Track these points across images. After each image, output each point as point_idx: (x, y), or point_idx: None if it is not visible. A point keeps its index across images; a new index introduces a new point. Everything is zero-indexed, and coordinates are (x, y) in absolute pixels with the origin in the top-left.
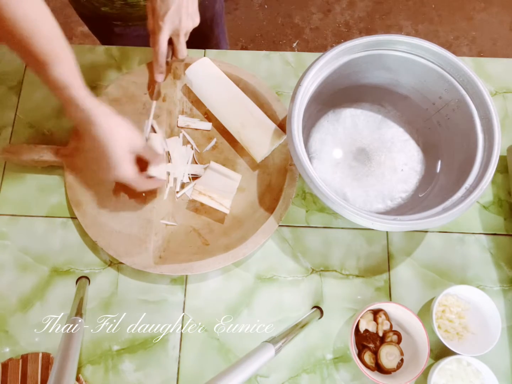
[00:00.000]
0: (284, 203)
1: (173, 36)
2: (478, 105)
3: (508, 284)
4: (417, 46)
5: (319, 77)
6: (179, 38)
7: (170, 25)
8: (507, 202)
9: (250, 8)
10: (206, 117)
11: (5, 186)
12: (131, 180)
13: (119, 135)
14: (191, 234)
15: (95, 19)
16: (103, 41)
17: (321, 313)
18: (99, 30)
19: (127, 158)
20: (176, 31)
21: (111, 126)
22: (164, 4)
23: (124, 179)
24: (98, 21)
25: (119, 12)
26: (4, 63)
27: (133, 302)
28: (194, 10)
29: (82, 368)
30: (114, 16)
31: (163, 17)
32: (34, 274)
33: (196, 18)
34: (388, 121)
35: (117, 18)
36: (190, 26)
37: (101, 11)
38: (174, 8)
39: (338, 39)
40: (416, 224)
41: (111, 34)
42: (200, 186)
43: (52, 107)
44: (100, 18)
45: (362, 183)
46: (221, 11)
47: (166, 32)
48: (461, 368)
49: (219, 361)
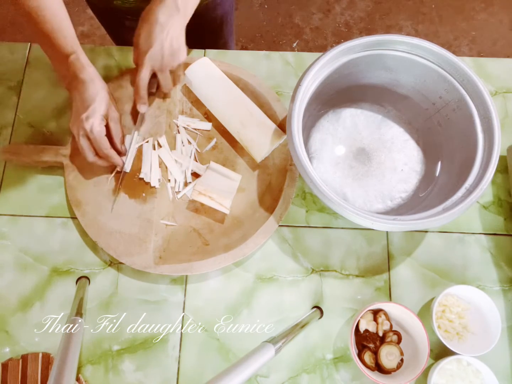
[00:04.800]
0: (284, 203)
1: (157, 72)
2: (478, 105)
3: (508, 284)
4: (417, 46)
5: (319, 77)
6: (163, 74)
7: (152, 62)
8: (507, 202)
9: (250, 8)
10: (206, 117)
11: (5, 186)
12: (95, 134)
13: (105, 97)
14: (191, 234)
15: (107, 11)
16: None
17: (321, 313)
18: (109, 23)
19: (101, 115)
20: (160, 68)
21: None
22: (146, 42)
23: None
24: (109, 13)
25: (132, 7)
26: (4, 63)
27: (133, 302)
28: (178, 46)
29: (82, 368)
30: (126, 10)
31: (145, 54)
32: (34, 274)
33: (181, 54)
34: (388, 121)
35: (129, 12)
36: (175, 63)
37: (114, 5)
38: (156, 47)
39: (338, 39)
40: (416, 224)
41: (121, 27)
42: (200, 187)
43: (52, 107)
44: (111, 11)
45: (362, 183)
46: (231, 10)
47: (148, 68)
48: (461, 368)
49: (219, 361)
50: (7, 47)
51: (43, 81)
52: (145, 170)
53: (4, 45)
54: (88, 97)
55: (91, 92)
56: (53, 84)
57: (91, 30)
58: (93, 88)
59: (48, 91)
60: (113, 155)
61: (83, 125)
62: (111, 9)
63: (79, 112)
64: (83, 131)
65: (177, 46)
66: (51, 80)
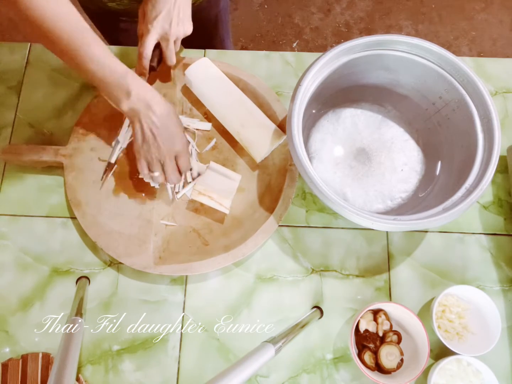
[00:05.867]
0: (284, 203)
1: (162, 41)
2: (478, 105)
3: (508, 284)
4: (417, 46)
5: (319, 77)
6: (168, 44)
7: (159, 29)
8: (507, 202)
9: (250, 8)
10: (206, 117)
11: (5, 186)
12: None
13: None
14: (191, 234)
15: (101, 14)
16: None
17: (321, 313)
18: (103, 25)
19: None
20: (166, 36)
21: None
22: (154, 8)
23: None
24: (104, 16)
25: (126, 8)
26: (4, 63)
27: (133, 302)
28: (186, 17)
29: (82, 368)
30: (121, 11)
31: (153, 21)
32: (34, 274)
33: (188, 25)
34: (388, 121)
35: (123, 13)
36: (181, 33)
37: (108, 6)
38: (164, 13)
39: (338, 39)
40: (416, 224)
41: (115, 29)
42: (200, 186)
43: (52, 107)
44: (106, 13)
45: (362, 183)
46: (226, 10)
47: (154, 35)
48: (461, 368)
49: (219, 361)
50: (7, 47)
51: (43, 81)
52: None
53: (4, 45)
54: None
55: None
56: (53, 84)
57: None
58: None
59: (48, 91)
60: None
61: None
62: (106, 11)
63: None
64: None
65: (183, 16)
66: (51, 80)
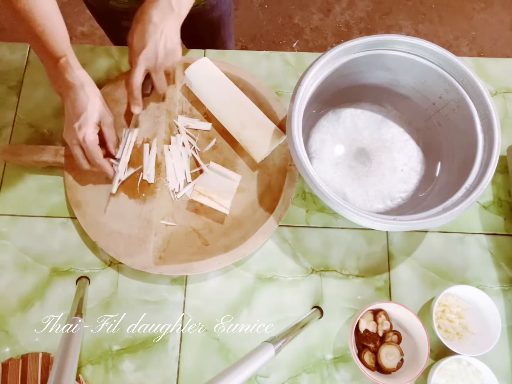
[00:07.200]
0: (284, 203)
1: (151, 72)
2: (478, 105)
3: (508, 284)
4: (417, 46)
5: (319, 77)
6: (157, 74)
7: (146, 62)
8: (507, 202)
9: (250, 8)
10: (206, 117)
11: (5, 186)
12: (87, 144)
13: (96, 103)
14: (191, 234)
15: (104, 12)
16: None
17: (321, 313)
18: (106, 23)
19: (94, 123)
20: (154, 68)
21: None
22: (140, 41)
23: (83, 139)
24: (106, 14)
25: (127, 7)
26: (4, 63)
27: (133, 302)
28: (173, 47)
29: (82, 368)
30: (122, 10)
31: (139, 53)
32: (34, 274)
33: (175, 55)
34: (388, 121)
35: (124, 12)
36: (169, 64)
37: (109, 5)
38: (150, 47)
39: (338, 39)
40: (416, 224)
41: (118, 28)
42: (200, 187)
43: (52, 107)
44: (108, 12)
45: (362, 183)
46: (229, 12)
47: (142, 68)
48: (461, 368)
49: (219, 361)
50: (7, 47)
51: (43, 81)
52: (148, 172)
53: (4, 45)
54: (79, 104)
55: (82, 99)
56: None
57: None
58: (83, 94)
59: (48, 91)
60: (104, 165)
61: (76, 135)
62: (108, 9)
63: (71, 120)
64: (76, 140)
65: (171, 46)
66: None
